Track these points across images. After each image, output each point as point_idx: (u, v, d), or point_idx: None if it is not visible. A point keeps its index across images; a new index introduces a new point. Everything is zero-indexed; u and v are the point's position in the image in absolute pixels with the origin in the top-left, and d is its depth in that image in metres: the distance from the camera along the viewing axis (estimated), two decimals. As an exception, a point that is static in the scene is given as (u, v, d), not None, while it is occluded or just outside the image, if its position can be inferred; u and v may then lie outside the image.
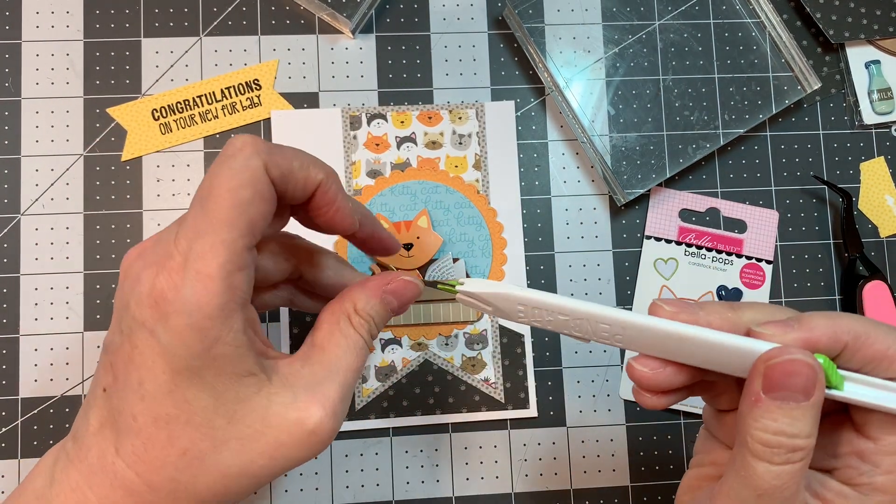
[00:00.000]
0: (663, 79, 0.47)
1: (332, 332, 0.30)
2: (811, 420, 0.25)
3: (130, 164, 0.45)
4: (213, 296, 0.25)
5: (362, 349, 0.30)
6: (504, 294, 0.30)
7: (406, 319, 0.44)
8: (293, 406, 0.28)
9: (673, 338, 0.27)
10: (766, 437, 0.24)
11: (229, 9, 0.46)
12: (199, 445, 0.27)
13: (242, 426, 0.27)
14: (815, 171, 0.48)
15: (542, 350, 0.45)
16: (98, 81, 0.45)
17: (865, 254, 0.46)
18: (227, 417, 0.27)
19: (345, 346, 0.30)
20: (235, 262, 0.26)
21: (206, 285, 0.25)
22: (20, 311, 0.44)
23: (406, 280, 0.32)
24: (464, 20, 0.47)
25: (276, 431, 0.28)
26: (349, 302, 0.31)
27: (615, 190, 0.45)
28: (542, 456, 0.45)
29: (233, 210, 0.26)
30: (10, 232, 0.44)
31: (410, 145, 0.46)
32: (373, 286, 0.31)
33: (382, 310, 0.31)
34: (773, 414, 0.25)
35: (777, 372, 0.25)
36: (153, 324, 0.26)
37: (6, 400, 0.43)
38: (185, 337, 0.25)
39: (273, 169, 0.27)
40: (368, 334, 0.30)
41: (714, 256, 0.46)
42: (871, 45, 0.49)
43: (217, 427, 0.27)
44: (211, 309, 0.25)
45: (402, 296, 0.32)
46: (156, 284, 0.26)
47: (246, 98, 0.46)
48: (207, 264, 0.25)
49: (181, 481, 0.27)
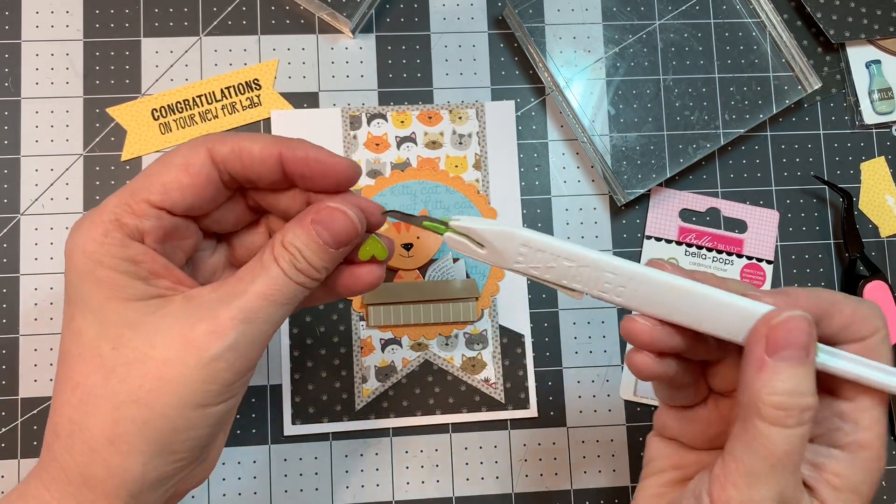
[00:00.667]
0: (663, 79, 0.47)
1: (252, 263, 0.29)
2: (813, 378, 0.25)
3: (130, 164, 0.45)
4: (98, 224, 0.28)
5: (277, 278, 0.28)
6: (508, 233, 0.27)
7: (406, 319, 0.44)
8: (180, 323, 0.27)
9: (678, 291, 0.27)
10: (778, 399, 0.25)
11: (229, 9, 0.46)
12: (89, 378, 0.27)
13: (128, 350, 0.27)
14: (815, 171, 0.48)
15: (542, 350, 0.45)
16: (98, 81, 0.45)
17: (866, 254, 0.46)
18: (113, 343, 0.27)
19: (257, 272, 0.28)
20: (128, 208, 0.28)
21: (93, 219, 0.28)
22: (20, 311, 0.44)
23: (332, 207, 0.29)
24: (464, 20, 0.47)
25: (162, 350, 0.27)
26: (280, 234, 0.29)
27: (615, 190, 0.45)
28: (542, 456, 0.45)
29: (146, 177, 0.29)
30: (9, 232, 0.44)
31: (410, 145, 0.46)
32: (302, 216, 0.30)
33: (309, 241, 0.29)
34: (782, 375, 0.25)
35: (781, 330, 0.25)
36: (66, 262, 0.28)
37: (6, 400, 0.43)
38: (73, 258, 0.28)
39: (219, 148, 0.29)
40: (290, 265, 0.28)
41: (714, 256, 0.46)
42: (872, 44, 0.49)
43: (104, 355, 0.27)
44: (95, 234, 0.28)
45: (328, 225, 0.29)
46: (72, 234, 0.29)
47: (246, 98, 0.46)
48: (102, 209, 0.28)
49: (76, 421, 0.27)
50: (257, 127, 0.46)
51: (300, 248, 0.29)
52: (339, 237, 0.29)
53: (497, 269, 0.45)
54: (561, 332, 0.45)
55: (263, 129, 0.46)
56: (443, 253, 0.45)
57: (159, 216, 0.29)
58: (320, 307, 0.44)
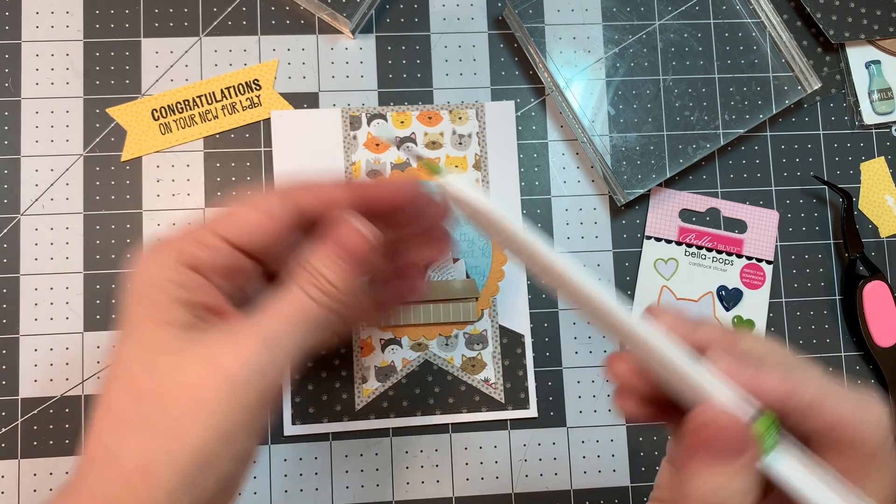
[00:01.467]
0: (663, 79, 0.47)
1: (278, 289, 0.29)
2: (744, 478, 0.23)
3: (130, 165, 0.45)
4: (166, 249, 0.28)
5: (298, 300, 0.28)
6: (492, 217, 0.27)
7: (406, 319, 0.44)
8: (210, 350, 0.27)
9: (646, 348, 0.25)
10: (701, 494, 0.23)
11: (229, 9, 0.46)
12: (121, 403, 0.27)
13: (162, 376, 0.27)
14: (815, 171, 0.48)
15: (542, 350, 0.45)
16: (98, 81, 0.45)
17: (866, 254, 0.46)
18: (150, 369, 0.27)
19: (281, 295, 0.28)
20: (199, 239, 0.29)
21: (164, 244, 0.29)
22: (20, 311, 0.44)
23: (345, 225, 0.29)
24: (464, 20, 0.47)
25: (192, 377, 0.27)
26: (304, 258, 0.29)
27: (615, 190, 0.45)
28: (542, 456, 0.45)
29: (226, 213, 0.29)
30: (9, 232, 0.44)
31: (410, 145, 0.46)
32: (325, 239, 0.30)
33: (332, 263, 0.29)
34: (703, 475, 0.23)
35: (706, 431, 0.24)
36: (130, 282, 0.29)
37: (6, 400, 0.43)
38: (135, 280, 0.28)
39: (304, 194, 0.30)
40: (311, 286, 0.29)
41: (714, 256, 0.46)
42: (872, 45, 0.49)
43: (137, 379, 0.27)
44: (159, 257, 0.28)
45: (345, 245, 0.29)
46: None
47: (246, 98, 0.46)
48: (174, 236, 0.29)
49: (110, 447, 0.26)
50: (257, 127, 0.46)
51: (319, 268, 0.29)
52: (356, 256, 0.29)
53: (497, 270, 0.45)
54: (561, 332, 0.45)
55: (263, 130, 0.46)
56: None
57: (225, 250, 0.29)
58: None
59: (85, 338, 0.44)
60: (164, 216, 0.45)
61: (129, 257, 0.44)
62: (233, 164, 0.45)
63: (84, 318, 0.44)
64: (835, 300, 0.47)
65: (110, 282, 0.44)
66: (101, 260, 0.44)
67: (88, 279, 0.44)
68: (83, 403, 0.43)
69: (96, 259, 0.44)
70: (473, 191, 0.28)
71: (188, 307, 0.28)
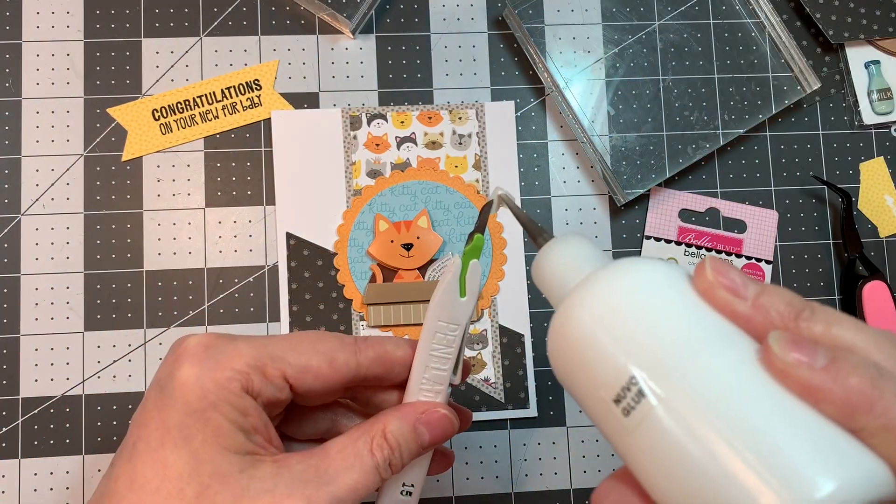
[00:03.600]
0: (663, 79, 0.47)
1: (346, 446, 0.29)
2: None
3: (130, 165, 0.45)
4: (226, 369, 0.28)
5: (370, 472, 0.28)
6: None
7: (406, 319, 0.44)
8: (269, 494, 0.26)
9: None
10: None
11: (229, 9, 0.46)
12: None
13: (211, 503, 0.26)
14: (814, 171, 0.48)
15: (542, 350, 0.45)
16: (98, 81, 0.45)
17: (865, 254, 0.46)
18: (199, 490, 0.26)
19: (351, 461, 0.28)
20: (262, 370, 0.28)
21: (221, 361, 0.28)
22: (20, 311, 0.44)
23: (442, 414, 0.30)
24: (464, 20, 0.47)
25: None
26: (380, 424, 0.29)
27: (615, 190, 0.45)
28: (542, 456, 0.45)
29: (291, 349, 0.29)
30: (10, 232, 0.44)
31: (410, 145, 0.46)
32: (407, 412, 0.30)
33: (412, 439, 0.29)
34: None
35: None
36: (166, 375, 0.28)
37: (6, 400, 0.43)
38: (187, 389, 0.27)
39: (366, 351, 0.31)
40: (385, 461, 0.29)
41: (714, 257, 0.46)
42: (871, 45, 0.49)
43: (185, 498, 0.26)
44: (220, 377, 0.27)
45: (434, 429, 0.30)
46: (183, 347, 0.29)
47: (246, 98, 0.46)
48: (233, 355, 0.28)
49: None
50: (257, 127, 0.46)
51: (400, 442, 0.29)
52: (437, 441, 0.30)
53: (497, 270, 0.45)
54: (561, 331, 0.45)
55: (264, 130, 0.46)
56: (443, 253, 0.45)
57: (283, 388, 0.29)
58: (320, 306, 0.44)
59: (85, 337, 0.44)
60: (165, 216, 0.45)
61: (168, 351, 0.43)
62: (233, 164, 0.45)
63: (84, 317, 0.44)
64: (834, 300, 0.47)
65: (110, 282, 0.44)
66: (101, 260, 0.44)
67: (88, 279, 0.44)
68: (83, 403, 0.43)
69: (97, 259, 0.44)
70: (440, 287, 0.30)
71: (246, 433, 0.28)
